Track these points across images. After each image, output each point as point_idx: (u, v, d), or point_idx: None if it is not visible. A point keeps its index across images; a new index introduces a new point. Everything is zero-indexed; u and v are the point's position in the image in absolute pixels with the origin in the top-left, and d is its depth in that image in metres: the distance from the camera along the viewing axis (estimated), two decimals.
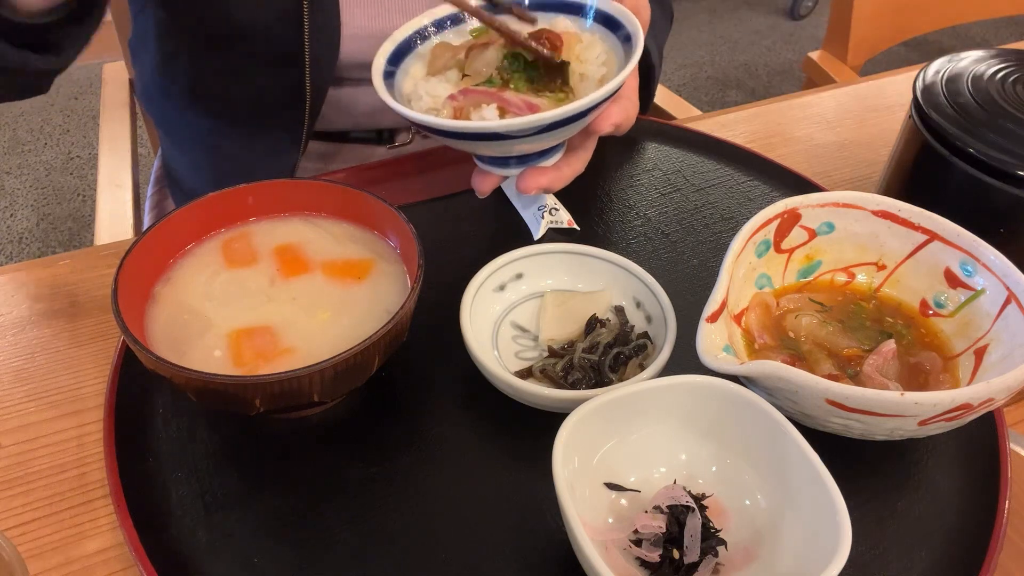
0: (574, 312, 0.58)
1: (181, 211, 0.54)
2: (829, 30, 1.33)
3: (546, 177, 0.62)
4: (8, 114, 2.49)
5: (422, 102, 0.60)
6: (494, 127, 0.54)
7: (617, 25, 0.61)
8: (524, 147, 0.59)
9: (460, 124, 0.55)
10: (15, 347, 0.60)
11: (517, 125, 0.53)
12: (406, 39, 0.64)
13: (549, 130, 0.55)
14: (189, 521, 0.47)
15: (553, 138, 0.58)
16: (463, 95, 0.58)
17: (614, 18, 0.62)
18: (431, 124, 0.55)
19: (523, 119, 0.53)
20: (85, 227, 2.17)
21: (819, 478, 0.43)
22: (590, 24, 0.63)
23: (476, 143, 0.58)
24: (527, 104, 0.56)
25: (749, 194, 0.74)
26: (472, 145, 0.59)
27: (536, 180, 0.61)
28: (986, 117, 0.61)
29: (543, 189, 0.62)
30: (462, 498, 0.50)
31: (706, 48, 3.09)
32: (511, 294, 0.60)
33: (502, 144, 0.57)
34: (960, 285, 0.55)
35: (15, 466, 0.52)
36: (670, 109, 1.11)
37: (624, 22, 0.60)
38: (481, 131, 0.55)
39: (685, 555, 0.43)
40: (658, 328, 0.56)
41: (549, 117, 0.53)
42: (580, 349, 0.55)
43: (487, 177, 0.63)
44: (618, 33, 0.61)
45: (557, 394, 0.50)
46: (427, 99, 0.59)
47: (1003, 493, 0.50)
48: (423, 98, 0.60)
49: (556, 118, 0.53)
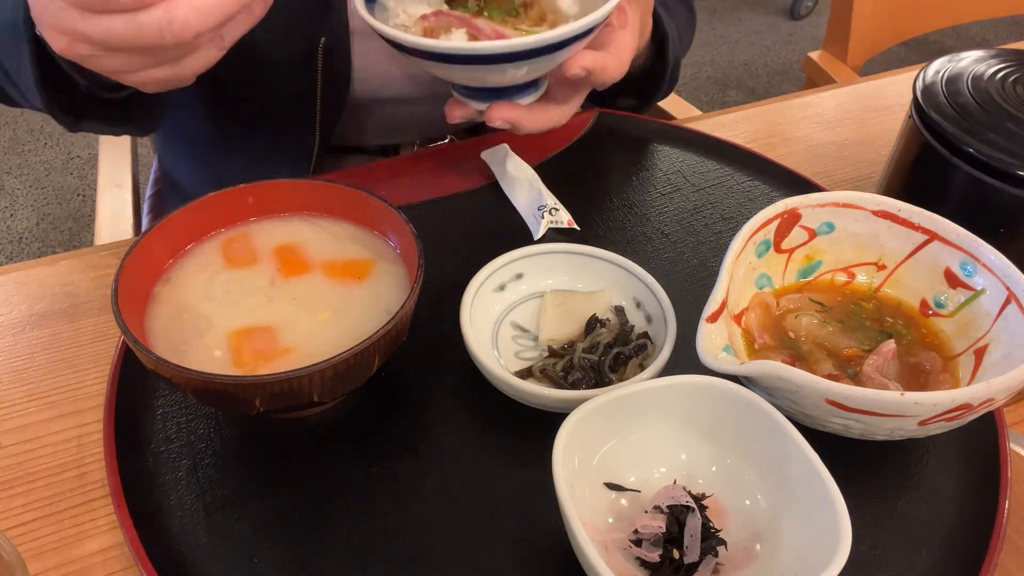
0: (574, 312, 0.58)
1: (181, 211, 0.54)
2: (829, 30, 1.33)
3: (515, 112, 0.61)
4: (8, 114, 2.49)
5: (397, 20, 0.60)
6: (455, 48, 0.54)
7: None
8: (493, 77, 0.58)
9: (422, 42, 0.55)
10: (15, 347, 0.60)
11: (479, 49, 0.54)
12: None
13: (515, 60, 0.55)
14: (189, 521, 0.47)
15: (520, 70, 0.57)
16: (435, 16, 0.58)
17: None
18: (395, 38, 0.55)
19: (485, 44, 0.54)
20: (85, 227, 2.17)
21: (819, 478, 0.43)
22: None
23: (444, 66, 0.58)
24: (496, 33, 0.56)
25: (749, 194, 0.74)
26: (441, 68, 0.59)
27: (503, 112, 0.60)
28: (986, 117, 0.61)
29: (509, 124, 0.61)
30: (462, 498, 0.50)
31: (706, 48, 3.09)
32: (511, 294, 0.60)
33: (470, 70, 0.57)
34: (960, 285, 0.55)
35: (15, 466, 0.52)
36: (670, 109, 1.11)
37: None
38: (442, 51, 0.55)
39: (685, 555, 0.43)
40: (658, 328, 0.56)
41: (513, 45, 0.53)
42: (580, 349, 0.55)
43: (459, 106, 0.63)
44: None
45: (557, 394, 0.50)
46: (402, 16, 0.60)
47: (1003, 493, 0.50)
48: (399, 16, 0.60)
49: (520, 47, 0.53)
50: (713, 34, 3.18)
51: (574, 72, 0.59)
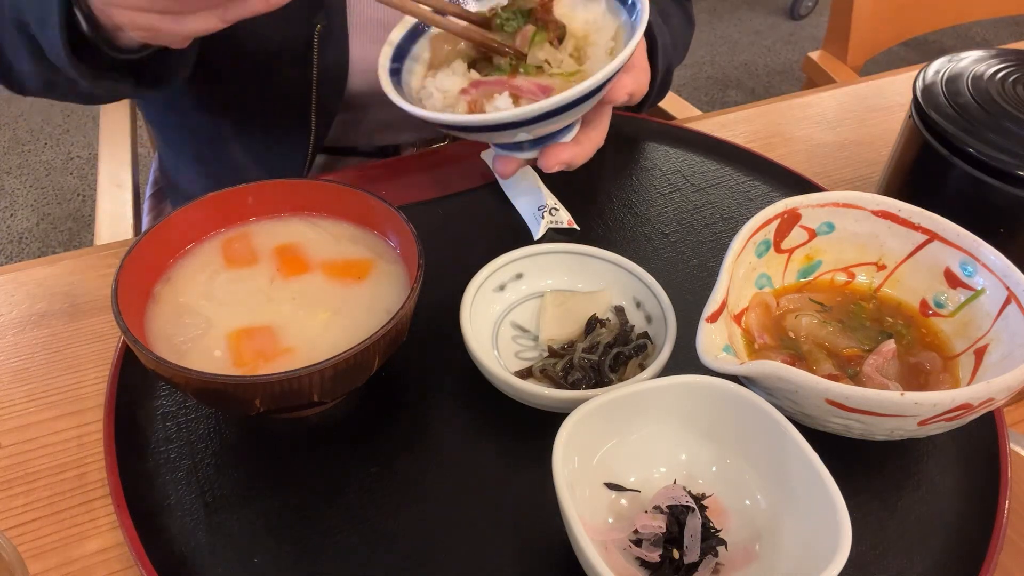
0: (574, 312, 0.58)
1: (181, 211, 0.54)
2: (829, 30, 1.33)
3: (567, 152, 0.61)
4: (8, 114, 2.49)
5: (433, 99, 0.59)
6: (511, 116, 0.54)
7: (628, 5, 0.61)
8: (542, 130, 0.58)
9: (480, 118, 0.55)
10: (15, 347, 0.60)
11: (535, 110, 0.53)
12: (404, 36, 0.63)
13: (565, 110, 0.55)
14: (189, 521, 0.47)
15: (569, 117, 0.58)
16: (475, 88, 0.58)
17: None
18: (450, 122, 0.55)
19: (539, 104, 0.53)
20: (85, 227, 2.16)
21: (819, 478, 0.43)
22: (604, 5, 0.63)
23: (494, 133, 0.58)
24: (539, 87, 0.56)
25: (749, 194, 0.74)
26: (490, 136, 0.60)
27: (557, 156, 0.61)
28: (986, 117, 0.61)
29: (565, 165, 0.61)
30: (462, 498, 0.50)
31: (706, 48, 3.08)
32: (511, 294, 0.60)
33: (519, 131, 0.57)
34: (960, 285, 0.55)
35: (15, 466, 0.52)
36: (670, 109, 1.11)
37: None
38: (500, 122, 0.54)
39: (685, 555, 0.43)
40: (658, 328, 0.56)
41: (564, 99, 0.53)
42: (580, 349, 0.55)
43: (510, 161, 0.63)
44: (628, 11, 0.61)
45: (557, 394, 0.50)
46: (438, 95, 0.59)
47: (1003, 493, 0.50)
48: (433, 95, 0.59)
49: (571, 98, 0.53)
50: (713, 34, 3.18)
51: (621, 100, 0.61)
